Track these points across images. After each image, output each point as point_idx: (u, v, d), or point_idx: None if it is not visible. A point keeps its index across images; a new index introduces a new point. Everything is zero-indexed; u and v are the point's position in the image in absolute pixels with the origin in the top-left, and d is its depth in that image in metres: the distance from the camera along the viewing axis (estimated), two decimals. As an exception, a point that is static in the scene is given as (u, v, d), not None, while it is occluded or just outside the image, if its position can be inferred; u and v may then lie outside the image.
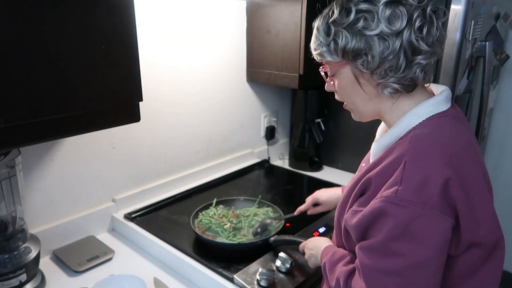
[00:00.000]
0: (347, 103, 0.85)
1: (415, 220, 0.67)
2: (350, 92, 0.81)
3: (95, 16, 0.83)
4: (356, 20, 0.72)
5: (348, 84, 0.80)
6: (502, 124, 2.12)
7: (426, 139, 0.73)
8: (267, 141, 1.98)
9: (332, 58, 0.78)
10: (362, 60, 0.74)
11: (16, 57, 0.75)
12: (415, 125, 0.76)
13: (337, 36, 0.75)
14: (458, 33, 1.33)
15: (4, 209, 1.04)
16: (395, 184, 0.69)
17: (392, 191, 0.69)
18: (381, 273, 0.71)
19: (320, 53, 0.79)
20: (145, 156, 1.50)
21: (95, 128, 0.94)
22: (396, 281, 0.69)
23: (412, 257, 0.68)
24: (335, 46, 0.76)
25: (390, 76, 0.73)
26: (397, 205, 0.68)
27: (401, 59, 0.72)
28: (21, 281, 1.05)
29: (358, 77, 0.78)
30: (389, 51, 0.71)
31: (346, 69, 0.79)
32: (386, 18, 0.70)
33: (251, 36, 1.72)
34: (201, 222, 1.30)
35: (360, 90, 0.79)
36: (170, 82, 1.51)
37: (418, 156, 0.71)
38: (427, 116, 0.76)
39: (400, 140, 0.77)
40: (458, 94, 1.44)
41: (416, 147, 0.72)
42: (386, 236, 0.69)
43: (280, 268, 1.09)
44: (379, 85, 0.76)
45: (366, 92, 0.79)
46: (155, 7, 1.40)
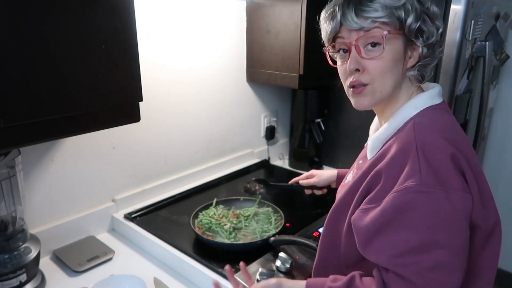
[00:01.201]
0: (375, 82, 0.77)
1: (446, 204, 0.66)
2: (391, 67, 0.76)
3: (95, 16, 0.83)
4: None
5: (394, 57, 0.76)
6: (502, 124, 2.12)
7: (429, 125, 0.75)
8: (267, 141, 1.98)
9: (393, 24, 0.74)
10: (425, 34, 0.76)
11: (16, 57, 0.75)
12: (413, 116, 0.78)
13: (408, 2, 0.74)
14: (458, 33, 1.33)
15: (4, 209, 1.04)
16: (415, 172, 0.68)
17: (415, 180, 0.67)
18: (429, 271, 0.66)
19: (380, 17, 0.73)
20: (145, 156, 1.50)
21: (95, 128, 0.94)
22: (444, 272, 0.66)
23: (455, 242, 0.67)
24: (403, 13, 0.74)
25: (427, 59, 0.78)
26: (426, 193, 0.66)
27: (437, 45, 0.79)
28: (21, 281, 1.05)
29: (406, 52, 0.78)
30: (439, 33, 0.77)
31: (399, 40, 0.76)
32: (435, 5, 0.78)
33: (251, 36, 1.72)
34: (201, 222, 1.30)
35: (399, 68, 0.77)
36: (170, 82, 1.51)
37: (427, 141, 0.71)
38: (423, 107, 0.78)
39: (400, 130, 0.78)
40: (458, 94, 1.44)
41: (423, 134, 0.73)
42: (425, 229, 0.67)
43: (280, 268, 1.09)
44: (410, 68, 0.79)
45: (402, 72, 0.78)
46: (155, 7, 1.40)
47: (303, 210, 1.49)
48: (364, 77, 0.77)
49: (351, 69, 0.77)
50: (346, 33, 0.77)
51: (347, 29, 0.76)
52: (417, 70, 0.79)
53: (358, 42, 0.76)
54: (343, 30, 0.77)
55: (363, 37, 0.75)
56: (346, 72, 0.79)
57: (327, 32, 0.80)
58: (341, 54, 0.81)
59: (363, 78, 0.77)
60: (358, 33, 0.75)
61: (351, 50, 0.77)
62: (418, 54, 0.78)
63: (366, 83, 0.77)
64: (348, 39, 0.77)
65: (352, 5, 0.74)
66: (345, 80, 0.81)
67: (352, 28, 0.75)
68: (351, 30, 0.76)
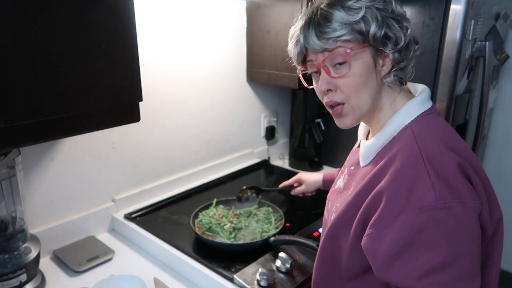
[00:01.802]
0: (350, 99, 0.77)
1: (465, 215, 0.65)
2: (363, 81, 0.75)
3: (95, 16, 0.83)
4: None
5: (365, 71, 0.75)
6: (502, 124, 2.12)
7: (429, 134, 0.73)
8: (267, 141, 1.98)
9: (356, 40, 0.73)
10: (392, 39, 0.74)
11: (16, 57, 0.75)
12: (408, 123, 0.76)
13: (367, 13, 0.72)
14: (458, 33, 1.32)
15: (4, 209, 1.04)
16: (428, 189, 0.66)
17: (431, 197, 0.66)
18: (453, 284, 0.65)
19: (340, 36, 0.72)
20: (145, 156, 1.50)
21: (95, 128, 0.94)
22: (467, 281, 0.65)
23: (473, 249, 0.67)
24: (364, 25, 0.72)
25: (401, 63, 0.76)
26: (446, 209, 0.65)
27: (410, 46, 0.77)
28: (21, 281, 1.05)
29: (377, 61, 0.76)
30: (409, 33, 0.75)
31: (366, 53, 0.75)
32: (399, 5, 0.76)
33: (251, 36, 1.72)
34: (201, 222, 1.30)
35: (373, 80, 0.76)
36: (170, 82, 1.51)
37: (434, 154, 0.70)
38: (417, 114, 0.77)
39: (395, 139, 0.77)
40: (458, 94, 1.44)
41: (428, 146, 0.71)
42: (448, 245, 0.65)
43: (280, 268, 1.09)
44: (386, 75, 0.77)
45: (377, 82, 0.77)
46: (155, 7, 1.40)
47: (303, 210, 1.49)
48: (338, 96, 0.77)
49: (323, 90, 0.78)
50: (312, 55, 0.78)
51: (313, 51, 0.76)
52: (393, 76, 0.78)
53: (325, 62, 0.76)
54: (310, 52, 0.78)
55: (328, 57, 0.75)
56: (321, 93, 0.80)
57: (295, 56, 0.81)
58: (314, 75, 0.82)
59: (337, 97, 0.77)
60: (323, 54, 0.75)
61: (321, 71, 0.77)
62: (390, 61, 0.76)
63: (341, 101, 0.78)
64: (316, 60, 0.77)
65: (312, 27, 0.74)
66: (321, 99, 0.82)
67: (316, 50, 0.75)
68: (316, 52, 0.76)
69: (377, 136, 0.80)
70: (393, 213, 0.68)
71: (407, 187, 0.68)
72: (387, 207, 0.69)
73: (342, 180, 0.93)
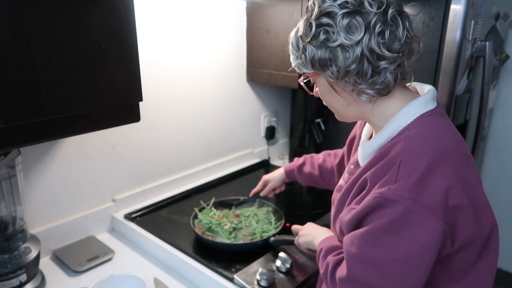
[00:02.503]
0: (330, 108, 0.88)
1: (405, 215, 0.68)
2: (330, 99, 0.84)
3: (95, 16, 0.83)
4: (318, 34, 0.74)
5: (326, 92, 0.83)
6: (502, 124, 2.12)
7: (420, 138, 0.75)
8: (267, 141, 1.98)
9: (307, 69, 0.80)
10: (330, 70, 0.76)
11: (16, 57, 0.75)
12: (407, 125, 0.77)
13: (305, 49, 0.77)
14: (458, 33, 1.32)
15: (4, 209, 1.04)
16: (389, 182, 0.71)
17: (386, 188, 0.70)
18: (362, 262, 0.72)
19: (296, 65, 0.82)
20: (145, 156, 1.50)
21: (95, 128, 0.94)
22: (375, 272, 0.71)
23: (395, 250, 0.69)
24: (305, 59, 0.78)
25: (360, 83, 0.75)
26: (389, 200, 0.69)
27: (365, 66, 0.73)
28: (21, 281, 1.05)
29: (333, 85, 0.80)
30: (351, 60, 0.73)
31: (321, 78, 0.81)
32: (345, 29, 0.72)
33: (251, 36, 1.72)
34: (201, 222, 1.30)
35: (337, 97, 0.81)
36: (170, 82, 1.51)
37: (413, 156, 0.72)
38: (418, 114, 0.77)
39: (394, 140, 0.78)
40: (458, 94, 1.44)
41: (410, 148, 0.73)
42: (374, 226, 0.71)
43: (280, 268, 1.09)
44: (353, 91, 0.78)
45: (344, 98, 0.81)
46: (155, 7, 1.40)
47: (303, 210, 1.49)
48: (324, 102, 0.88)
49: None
50: None
51: None
52: (362, 94, 0.77)
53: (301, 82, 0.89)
54: None
55: (301, 80, 0.88)
56: None
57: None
58: None
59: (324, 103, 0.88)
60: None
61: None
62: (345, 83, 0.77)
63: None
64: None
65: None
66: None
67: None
68: None
69: (375, 137, 0.83)
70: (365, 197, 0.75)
71: (380, 177, 0.74)
72: (366, 192, 0.77)
73: (343, 179, 0.96)
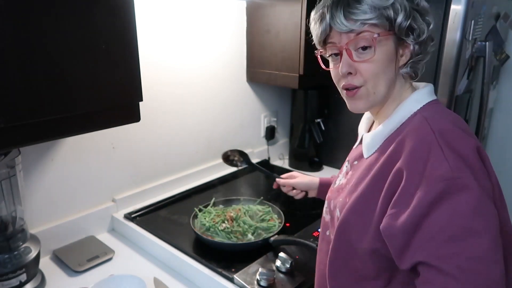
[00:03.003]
0: (368, 84, 0.77)
1: (476, 186, 0.64)
2: (383, 68, 0.76)
3: (95, 16, 0.83)
4: None
5: (386, 58, 0.75)
6: (502, 124, 2.12)
7: (441, 117, 0.74)
8: (267, 141, 1.98)
9: (383, 26, 0.73)
10: (416, 31, 0.74)
11: (16, 57, 0.75)
12: (416, 110, 0.77)
13: (397, 1, 0.72)
14: (458, 33, 1.32)
15: (4, 209, 1.04)
16: (441, 161, 0.66)
17: (445, 170, 0.65)
18: (468, 262, 0.62)
19: (369, 19, 0.72)
20: (145, 156, 1.50)
21: (95, 128, 0.94)
22: (484, 263, 0.62)
23: (490, 226, 0.64)
24: (392, 12, 0.72)
25: (419, 55, 0.78)
26: (458, 178, 0.64)
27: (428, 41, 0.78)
28: (21, 281, 1.05)
29: (398, 51, 0.76)
30: (431, 28, 0.76)
31: (390, 41, 0.75)
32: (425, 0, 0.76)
33: (251, 36, 1.72)
34: (201, 222, 1.30)
35: (392, 68, 0.77)
36: (170, 82, 1.51)
37: (445, 130, 0.70)
38: (425, 102, 0.78)
39: (403, 126, 0.77)
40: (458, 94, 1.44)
41: (439, 124, 0.71)
42: (460, 216, 0.63)
43: (280, 268, 1.09)
44: (403, 65, 0.78)
45: (395, 72, 0.77)
46: (155, 7, 1.40)
47: (303, 210, 1.49)
48: (357, 79, 0.77)
49: (343, 73, 0.77)
50: (336, 36, 0.76)
51: (337, 31, 0.75)
52: (409, 67, 0.78)
53: (349, 45, 0.75)
54: (333, 33, 0.76)
55: (354, 40, 0.74)
56: (339, 75, 0.79)
57: (317, 35, 0.79)
58: (333, 57, 0.80)
59: (356, 81, 0.77)
60: (348, 36, 0.74)
61: (343, 54, 0.76)
62: (409, 52, 0.77)
63: (359, 85, 0.77)
64: (339, 42, 0.76)
65: (340, 7, 0.73)
66: (338, 82, 0.81)
67: (341, 30, 0.74)
68: (341, 33, 0.75)
69: (384, 123, 0.80)
70: (410, 191, 0.67)
71: (421, 163, 0.68)
72: (405, 186, 0.68)
73: (343, 177, 0.92)
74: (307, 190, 1.27)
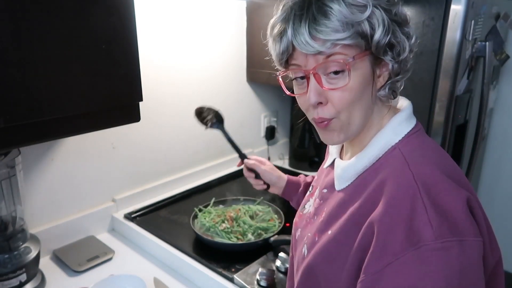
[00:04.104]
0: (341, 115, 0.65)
1: (463, 256, 0.54)
2: (359, 95, 0.63)
3: (95, 16, 0.83)
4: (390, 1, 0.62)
5: (362, 83, 0.63)
6: (502, 124, 2.12)
7: (424, 158, 0.63)
8: (267, 141, 1.98)
9: (358, 45, 0.60)
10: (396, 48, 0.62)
11: (16, 57, 0.75)
12: (395, 144, 0.66)
13: (374, 13, 0.59)
14: (458, 33, 1.32)
15: (4, 209, 1.04)
16: (425, 224, 0.55)
17: (428, 235, 0.54)
18: None
19: (341, 39, 0.58)
20: (145, 156, 1.50)
21: (95, 128, 0.94)
22: None
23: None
24: (369, 28, 0.59)
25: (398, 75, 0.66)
26: (444, 250, 0.54)
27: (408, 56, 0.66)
28: (21, 281, 1.05)
29: (375, 71, 0.64)
30: (413, 42, 0.64)
31: (366, 62, 0.62)
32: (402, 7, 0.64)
33: (251, 36, 1.71)
34: (201, 222, 1.30)
35: (369, 93, 0.64)
36: (170, 82, 1.51)
37: (430, 184, 0.59)
38: (405, 133, 0.66)
39: (380, 161, 0.66)
40: (458, 94, 1.44)
41: (422, 174, 0.60)
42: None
43: (280, 268, 1.09)
44: (381, 87, 0.66)
45: (372, 96, 0.65)
46: (155, 7, 1.40)
47: (303, 210, 1.49)
48: (328, 111, 0.64)
49: (312, 103, 0.63)
50: (301, 57, 0.62)
51: (302, 52, 0.61)
52: (388, 89, 0.66)
53: (317, 69, 0.61)
54: (297, 53, 0.62)
55: (323, 64, 0.61)
56: (307, 103, 0.65)
57: (277, 55, 0.65)
58: (298, 81, 0.67)
59: (327, 112, 0.64)
60: (316, 58, 0.61)
61: (310, 79, 0.63)
62: (388, 72, 0.65)
63: (331, 117, 0.64)
64: (305, 66, 0.62)
65: (304, 22, 0.59)
66: (306, 112, 0.69)
67: (307, 52, 0.60)
68: (307, 54, 0.61)
69: (358, 156, 0.68)
70: (384, 255, 0.56)
71: (400, 222, 0.57)
72: (378, 245, 0.57)
73: (312, 204, 0.80)
74: (270, 185, 1.12)
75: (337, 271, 0.65)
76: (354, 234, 0.63)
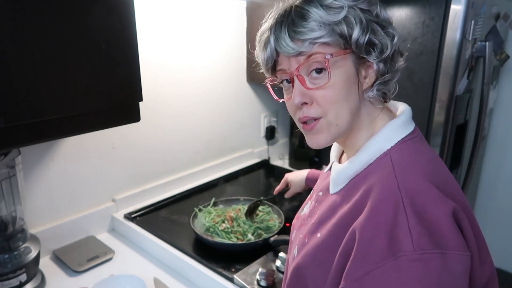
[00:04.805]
0: (328, 114, 0.66)
1: (444, 270, 0.53)
2: (343, 94, 0.64)
3: (95, 16, 0.83)
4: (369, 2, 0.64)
5: (346, 81, 0.64)
6: (502, 124, 2.12)
7: (412, 166, 0.63)
8: (267, 141, 1.98)
9: (337, 44, 0.62)
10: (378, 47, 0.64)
11: (16, 57, 0.75)
12: (386, 150, 0.66)
13: (350, 14, 0.62)
14: (458, 33, 1.32)
15: (4, 209, 1.05)
16: (404, 234, 0.55)
17: (407, 245, 0.54)
18: None
19: (318, 37, 0.61)
20: (145, 156, 1.50)
21: (95, 128, 0.94)
22: None
23: None
24: (346, 27, 0.61)
25: (385, 75, 0.67)
26: (422, 261, 0.53)
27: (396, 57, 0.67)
28: (21, 281, 1.05)
29: (360, 72, 0.66)
30: (395, 42, 0.65)
31: (347, 60, 0.64)
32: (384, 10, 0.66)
33: (251, 36, 1.71)
34: (201, 222, 1.30)
35: (355, 93, 0.65)
36: (171, 82, 1.51)
37: (415, 189, 0.59)
38: (398, 139, 0.66)
39: (371, 167, 0.66)
40: (458, 94, 1.44)
41: (407, 182, 0.60)
42: None
43: (280, 268, 1.09)
44: (368, 88, 0.67)
45: (358, 97, 0.66)
46: (155, 7, 1.40)
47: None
48: (314, 110, 0.66)
49: (297, 104, 0.66)
50: (285, 61, 0.66)
51: (285, 56, 0.65)
52: (376, 90, 0.67)
53: (300, 70, 0.65)
54: (281, 58, 0.67)
55: (304, 64, 0.64)
56: (294, 106, 0.68)
57: (264, 62, 0.70)
58: (285, 85, 0.70)
59: (313, 111, 0.66)
60: (298, 59, 0.64)
61: (294, 81, 0.66)
62: (374, 72, 0.66)
63: (318, 117, 0.66)
64: (289, 68, 0.66)
65: (284, 27, 0.63)
66: (294, 115, 0.70)
67: (289, 54, 0.64)
68: (290, 57, 0.65)
69: (350, 161, 0.70)
70: (365, 262, 0.57)
71: (381, 230, 0.57)
72: (359, 253, 0.58)
73: (308, 207, 0.81)
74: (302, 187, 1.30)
75: (323, 275, 0.66)
76: (340, 239, 0.63)
